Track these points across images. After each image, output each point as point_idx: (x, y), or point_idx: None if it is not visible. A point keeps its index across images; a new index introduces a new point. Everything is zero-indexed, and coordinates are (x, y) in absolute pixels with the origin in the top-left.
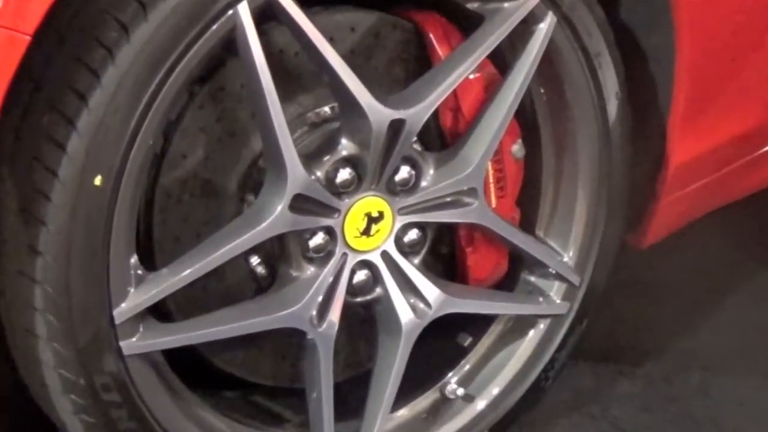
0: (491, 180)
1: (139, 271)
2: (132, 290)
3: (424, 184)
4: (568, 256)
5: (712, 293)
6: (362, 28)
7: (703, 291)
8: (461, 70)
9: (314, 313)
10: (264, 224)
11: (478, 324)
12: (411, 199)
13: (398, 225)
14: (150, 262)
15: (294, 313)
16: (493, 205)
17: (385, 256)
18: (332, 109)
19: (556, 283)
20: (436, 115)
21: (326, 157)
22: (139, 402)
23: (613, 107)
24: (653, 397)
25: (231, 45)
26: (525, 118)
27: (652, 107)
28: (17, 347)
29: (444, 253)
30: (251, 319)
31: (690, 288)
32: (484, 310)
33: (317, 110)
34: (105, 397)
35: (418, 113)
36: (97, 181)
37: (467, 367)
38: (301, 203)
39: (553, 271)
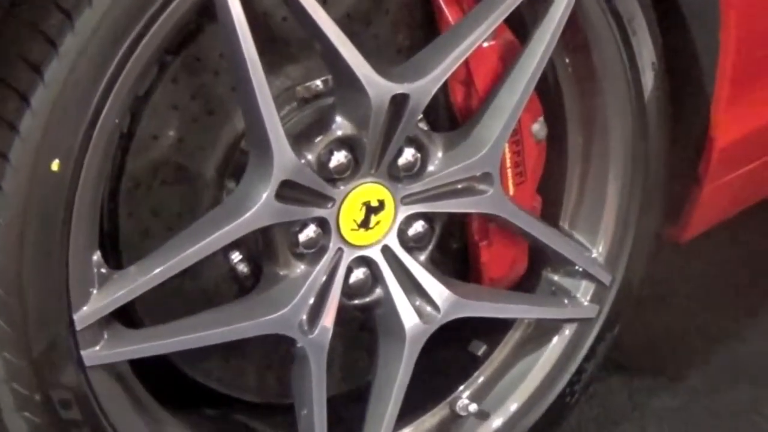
0: (508, 164)
1: (103, 270)
2: (94, 292)
3: (431, 168)
4: (598, 252)
5: (762, 296)
6: None
7: (751, 293)
8: (474, 37)
9: (304, 317)
10: (247, 215)
11: (493, 330)
12: (416, 187)
13: (401, 216)
14: (115, 260)
15: (281, 317)
16: (511, 193)
17: (387, 251)
18: (325, 82)
19: (584, 283)
20: (444, 89)
21: (318, 138)
22: (102, 421)
23: (648, 79)
24: (696, 414)
25: (208, 9)
26: (547, 93)
27: (694, 79)
28: None
29: (454, 248)
30: (232, 324)
31: (736, 290)
32: (501, 314)
33: (308, 84)
34: (64, 415)
35: (424, 87)
36: (55, 166)
37: (481, 379)
38: (289, 191)
39: (580, 269)
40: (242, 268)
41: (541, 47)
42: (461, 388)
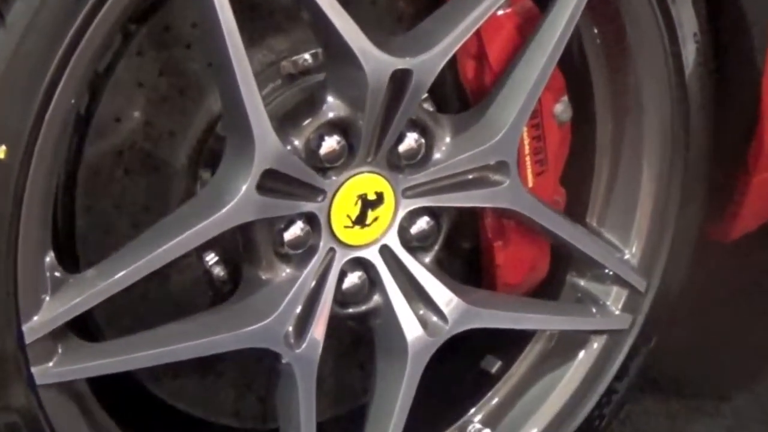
0: (527, 151)
1: (57, 274)
2: (47, 299)
3: (437, 156)
4: (631, 253)
5: None
6: None
7: None
8: (487, 3)
9: (291, 328)
10: (224, 210)
11: (509, 344)
12: (420, 177)
13: (403, 211)
14: (72, 262)
15: (264, 328)
16: (530, 185)
17: (386, 252)
18: (314, 56)
19: (615, 289)
20: (453, 64)
21: (307, 121)
22: None
23: (690, 52)
24: None
25: None
26: (572, 69)
27: (743, 52)
28: None
29: (464, 248)
30: (207, 337)
31: None
32: (518, 325)
33: (294, 58)
34: None
35: (429, 62)
36: (1, 153)
37: (495, 400)
38: (272, 182)
39: (610, 273)
40: (218, 271)
41: (564, 15)
42: (472, 410)
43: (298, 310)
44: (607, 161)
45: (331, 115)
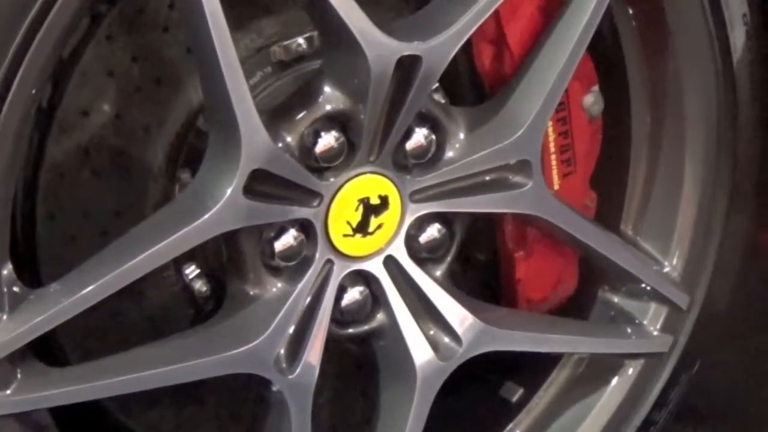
0: (553, 149)
1: (16, 289)
2: (4, 317)
3: (449, 154)
4: (671, 265)
5: None
6: None
7: None
8: None
9: (282, 351)
10: (206, 216)
11: (532, 369)
12: (430, 178)
13: (411, 218)
14: (33, 275)
15: (252, 352)
16: (556, 187)
17: (391, 264)
18: (309, 41)
19: (653, 306)
20: (467, 50)
21: (300, 114)
22: None
23: (738, 36)
24: None
25: None
26: (604, 55)
27: None
28: None
29: (480, 260)
30: (187, 361)
31: None
32: (542, 348)
33: (286, 43)
34: None
35: (440, 47)
36: None
37: None
38: (262, 184)
39: (648, 288)
40: (200, 286)
41: None
42: None
43: (291, 330)
44: (644, 160)
45: (328, 107)
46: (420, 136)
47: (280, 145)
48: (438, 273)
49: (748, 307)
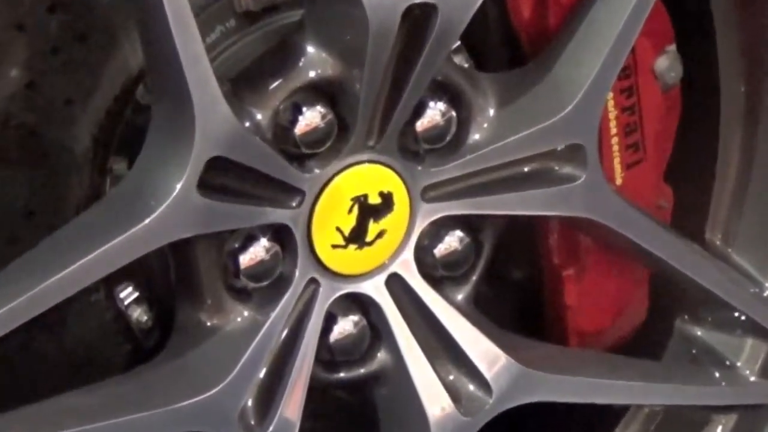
0: (614, 130)
1: None
2: None
3: (475, 138)
4: None
5: None
6: None
7: None
8: None
9: (250, 403)
10: (147, 221)
11: (588, 425)
12: (449, 170)
13: (423, 223)
14: None
15: (208, 404)
16: (618, 182)
17: (397, 286)
18: None
19: (749, 342)
20: None
21: (274, 83)
22: None
23: None
24: None
25: None
26: (683, 6)
27: None
28: None
29: (517, 280)
30: (118, 416)
31: None
32: (601, 398)
33: None
34: None
35: None
36: None
37: None
38: (222, 177)
39: (742, 317)
40: (139, 315)
41: None
42: None
43: (262, 374)
44: (737, 146)
45: (312, 74)
46: (435, 112)
47: (247, 124)
48: (460, 297)
49: None
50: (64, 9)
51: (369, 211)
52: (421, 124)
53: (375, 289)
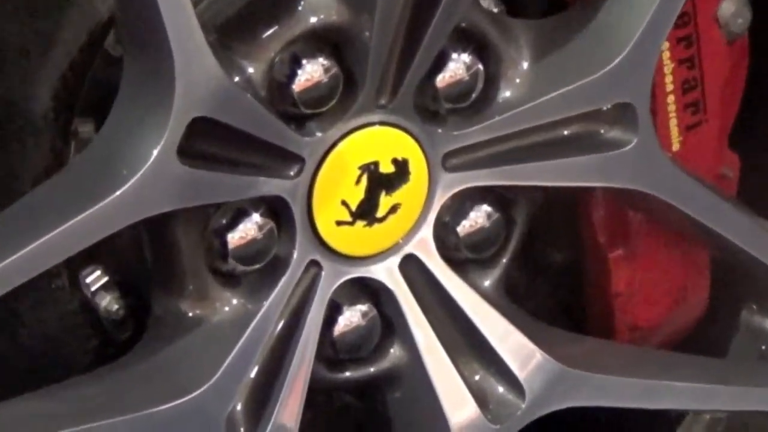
0: (670, 86)
1: None
2: None
3: (506, 95)
4: None
5: None
6: None
7: None
8: None
9: (239, 407)
10: (117, 193)
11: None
12: (476, 134)
13: (445, 196)
14: None
15: (191, 408)
16: (676, 147)
17: (413, 270)
18: None
19: None
20: None
21: (269, 31)
22: None
23: None
24: None
25: None
26: None
27: None
28: None
29: (555, 264)
30: (86, 422)
31: None
32: (654, 403)
33: None
34: None
35: None
36: None
37: None
38: (207, 142)
39: None
40: (108, 303)
41: None
42: None
43: (253, 374)
44: None
45: (313, 19)
46: (459, 65)
47: (236, 79)
48: (487, 283)
49: None
50: None
51: (380, 181)
52: (441, 80)
53: (387, 273)
